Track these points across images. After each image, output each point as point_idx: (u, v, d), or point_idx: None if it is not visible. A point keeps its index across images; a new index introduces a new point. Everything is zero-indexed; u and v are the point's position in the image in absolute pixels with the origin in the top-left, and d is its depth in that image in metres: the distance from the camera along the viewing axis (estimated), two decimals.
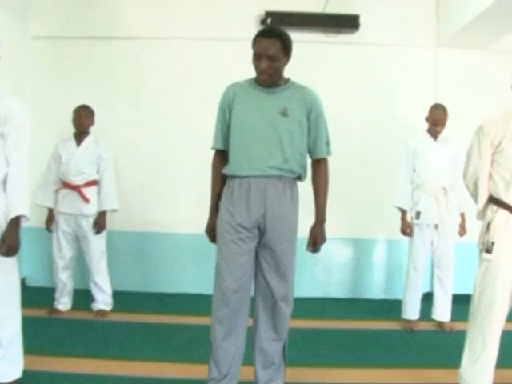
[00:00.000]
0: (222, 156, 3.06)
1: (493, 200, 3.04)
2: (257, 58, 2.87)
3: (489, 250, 2.97)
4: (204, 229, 3.10)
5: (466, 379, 3.03)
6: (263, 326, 3.04)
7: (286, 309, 3.03)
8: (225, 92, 3.03)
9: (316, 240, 3.13)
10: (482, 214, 3.12)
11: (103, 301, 4.72)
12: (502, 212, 2.98)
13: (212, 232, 3.06)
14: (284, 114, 2.89)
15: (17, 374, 2.97)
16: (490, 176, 3.05)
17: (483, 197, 3.07)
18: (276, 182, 2.92)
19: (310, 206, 3.16)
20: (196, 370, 3.27)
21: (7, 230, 2.79)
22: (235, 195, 2.92)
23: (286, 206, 2.99)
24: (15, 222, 2.81)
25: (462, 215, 4.58)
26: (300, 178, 3.06)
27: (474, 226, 4.50)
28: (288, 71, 5.23)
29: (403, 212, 4.57)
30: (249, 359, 3.12)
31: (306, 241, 5.36)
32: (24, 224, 2.88)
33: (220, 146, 3.05)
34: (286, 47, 2.90)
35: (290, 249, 3.07)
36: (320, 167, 3.09)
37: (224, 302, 2.94)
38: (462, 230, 4.59)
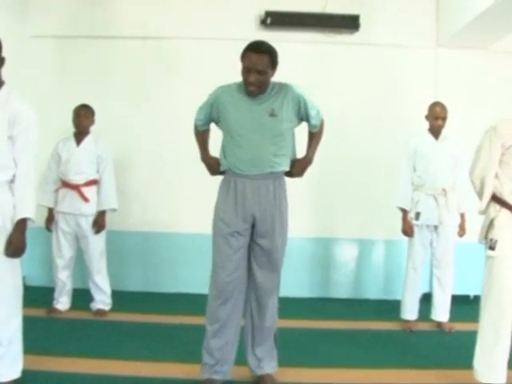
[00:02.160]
0: (204, 133, 3.40)
1: (496, 199, 3.12)
2: (246, 71, 3.05)
3: (492, 247, 3.08)
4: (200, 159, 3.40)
5: (480, 372, 3.12)
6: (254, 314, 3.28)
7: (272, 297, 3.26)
8: (216, 90, 3.24)
9: (298, 170, 3.32)
10: (484, 211, 3.21)
11: (102, 300, 4.72)
12: (505, 211, 3.08)
13: (210, 160, 3.35)
14: (272, 114, 3.09)
15: (16, 374, 2.96)
16: (497, 175, 3.14)
17: (488, 195, 3.15)
18: (268, 181, 3.14)
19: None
20: (196, 370, 3.26)
21: (13, 232, 2.83)
22: (230, 194, 3.15)
23: (277, 205, 3.18)
24: (22, 224, 2.85)
25: (462, 215, 4.57)
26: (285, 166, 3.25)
27: (474, 227, 4.54)
28: (288, 71, 5.25)
29: (404, 212, 4.56)
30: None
31: (301, 241, 5.45)
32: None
33: (202, 127, 3.37)
34: (274, 62, 3.10)
35: (281, 244, 3.23)
36: (316, 133, 3.38)
37: (218, 295, 3.16)
38: (462, 231, 4.59)
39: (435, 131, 4.54)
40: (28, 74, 5.41)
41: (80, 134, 4.65)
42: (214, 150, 3.35)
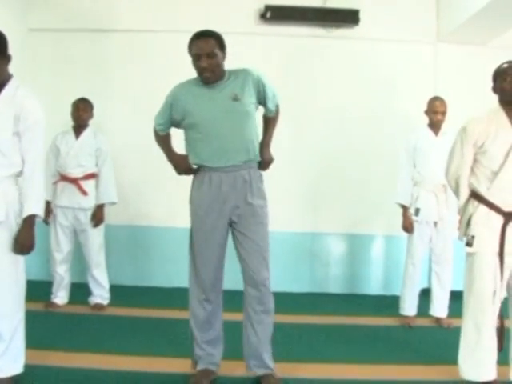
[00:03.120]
0: (165, 137, 3.39)
1: (474, 195, 3.17)
2: (197, 58, 3.07)
3: (469, 244, 3.12)
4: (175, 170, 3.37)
5: (463, 369, 3.14)
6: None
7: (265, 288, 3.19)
8: (173, 90, 3.25)
9: (266, 162, 3.31)
10: (462, 210, 3.24)
11: (100, 295, 4.72)
12: (483, 207, 3.11)
13: (177, 158, 3.35)
14: (235, 98, 3.07)
15: (16, 370, 2.93)
16: (473, 172, 3.20)
17: (464, 194, 3.21)
18: (243, 172, 3.11)
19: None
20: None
21: (21, 229, 2.84)
22: (205, 189, 3.13)
23: (254, 196, 3.15)
24: (29, 221, 2.84)
25: None
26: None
27: None
28: (287, 65, 5.25)
29: (404, 208, 4.55)
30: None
31: (300, 236, 5.44)
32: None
33: (163, 132, 3.36)
34: (221, 44, 3.12)
35: (262, 232, 3.19)
36: (273, 118, 3.34)
37: (200, 292, 3.19)
38: None
39: (435, 126, 4.52)
40: (27, 68, 5.37)
41: (79, 127, 4.64)
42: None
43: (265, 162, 3.29)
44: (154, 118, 3.34)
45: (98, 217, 4.61)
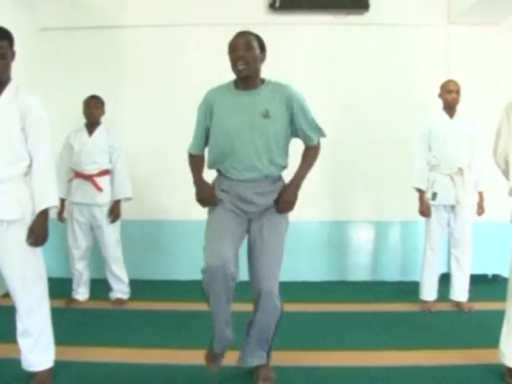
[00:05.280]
0: (200, 159, 3.18)
1: None
2: (232, 49, 2.92)
3: None
4: (196, 198, 3.12)
5: (505, 354, 3.06)
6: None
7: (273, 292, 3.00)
8: (205, 97, 3.08)
9: (283, 202, 3.03)
10: None
11: (120, 290, 4.75)
12: None
13: (206, 190, 3.09)
14: (266, 115, 2.91)
15: (49, 363, 3.02)
16: None
17: None
18: (262, 183, 3.00)
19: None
20: None
21: (36, 221, 2.86)
22: (225, 189, 3.03)
23: (272, 198, 3.04)
24: (44, 214, 2.88)
25: (480, 194, 4.53)
26: (284, 168, 3.11)
27: (492, 205, 4.52)
28: (298, 55, 5.22)
29: (421, 193, 4.51)
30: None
31: (317, 225, 5.43)
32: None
33: (200, 153, 3.18)
34: (260, 43, 2.98)
35: (272, 236, 3.03)
36: (311, 149, 3.12)
37: (211, 276, 3.06)
38: (480, 209, 4.54)
39: (450, 107, 4.47)
40: (37, 67, 5.41)
41: (91, 124, 4.66)
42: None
43: (283, 202, 3.03)
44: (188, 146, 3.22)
45: (115, 213, 4.64)
